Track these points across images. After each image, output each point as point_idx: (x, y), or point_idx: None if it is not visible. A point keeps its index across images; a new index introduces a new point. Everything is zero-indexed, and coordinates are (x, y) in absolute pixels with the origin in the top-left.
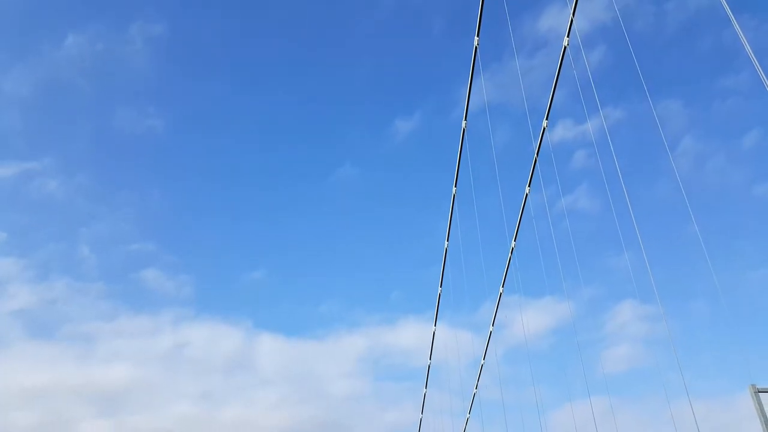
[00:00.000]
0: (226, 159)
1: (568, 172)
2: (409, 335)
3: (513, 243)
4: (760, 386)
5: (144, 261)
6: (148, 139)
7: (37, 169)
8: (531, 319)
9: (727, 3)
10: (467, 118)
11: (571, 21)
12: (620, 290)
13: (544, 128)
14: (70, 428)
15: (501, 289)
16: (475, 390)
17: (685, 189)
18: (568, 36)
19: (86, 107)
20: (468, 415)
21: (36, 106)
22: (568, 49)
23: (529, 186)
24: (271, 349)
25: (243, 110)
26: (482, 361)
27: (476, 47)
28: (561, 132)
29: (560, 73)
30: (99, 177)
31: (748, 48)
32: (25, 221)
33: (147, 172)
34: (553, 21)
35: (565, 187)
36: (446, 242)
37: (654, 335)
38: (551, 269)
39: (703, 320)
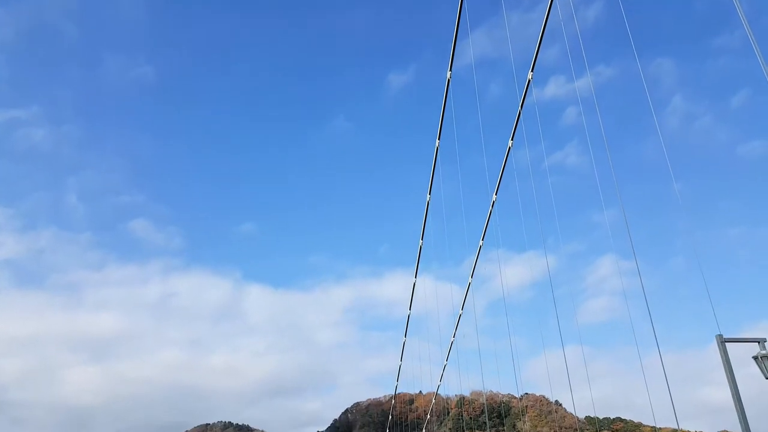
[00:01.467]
0: (218, 109)
1: (558, 129)
2: (395, 287)
3: (494, 197)
4: (726, 336)
5: (133, 212)
6: (137, 88)
7: (23, 117)
8: (514, 272)
9: None
10: (452, 69)
11: None
12: (602, 245)
13: (529, 81)
14: (58, 375)
15: (480, 242)
16: (452, 339)
17: (672, 148)
18: None
19: (74, 54)
20: (445, 362)
21: (21, 51)
22: (557, 4)
23: (512, 140)
24: (259, 299)
25: (237, 59)
26: (460, 312)
27: None
28: (553, 89)
29: (550, 27)
30: (87, 126)
31: (738, 6)
32: (10, 170)
33: (136, 122)
34: None
35: (556, 144)
36: (428, 195)
37: (631, 289)
38: (535, 225)
39: (681, 275)
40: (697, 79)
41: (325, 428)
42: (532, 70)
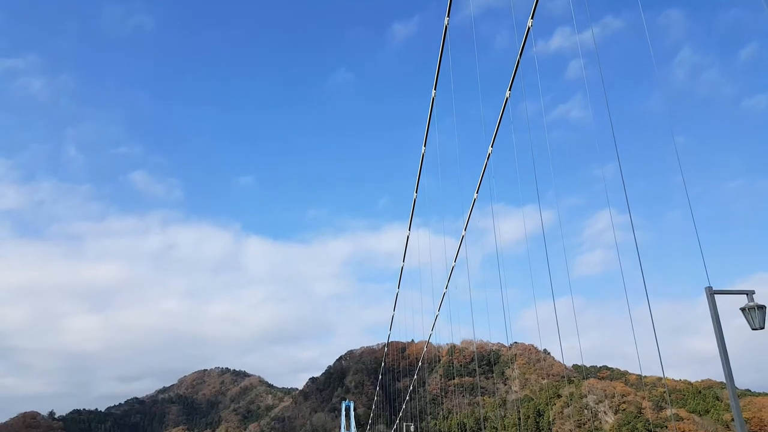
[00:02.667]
0: (218, 60)
1: (562, 82)
2: (393, 240)
3: (490, 149)
4: (715, 288)
5: (132, 163)
6: (136, 38)
7: (20, 67)
8: (512, 226)
9: None
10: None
11: None
12: (602, 200)
13: (528, 28)
14: (60, 323)
15: (475, 195)
16: (444, 290)
17: (678, 101)
18: None
19: (71, 3)
20: (437, 312)
21: (17, 0)
22: None
23: (509, 90)
24: (259, 251)
25: (238, 9)
26: (453, 263)
27: None
28: (558, 41)
29: None
30: (85, 76)
31: None
32: (8, 121)
33: (135, 72)
34: None
35: (560, 97)
36: (423, 148)
37: (627, 242)
38: (534, 179)
39: (677, 230)
40: (706, 30)
41: (319, 374)
42: (532, 17)
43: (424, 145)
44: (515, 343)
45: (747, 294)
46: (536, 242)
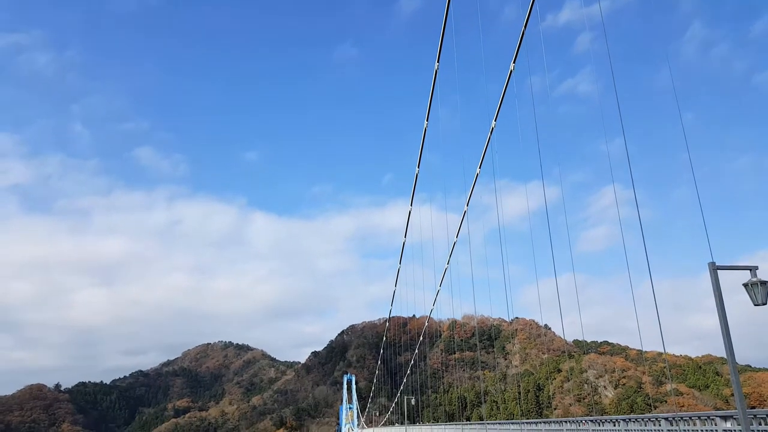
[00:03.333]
0: (224, 35)
1: (571, 56)
2: (397, 216)
3: (493, 123)
4: (719, 264)
5: (139, 139)
6: (142, 12)
7: (26, 42)
8: (516, 202)
9: None
10: None
11: None
12: (608, 175)
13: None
14: (66, 298)
15: (478, 170)
16: (446, 266)
17: (687, 76)
18: None
19: None
20: (438, 288)
21: None
22: None
23: (513, 62)
24: (264, 226)
25: None
26: (455, 239)
27: None
28: (567, 14)
29: None
30: (91, 51)
31: None
32: (14, 96)
33: (141, 47)
34: None
35: (568, 71)
36: (425, 122)
37: (632, 218)
38: (540, 154)
39: (684, 206)
40: (718, 4)
41: (321, 348)
42: None
43: (427, 120)
44: (516, 318)
45: (750, 270)
46: (540, 218)
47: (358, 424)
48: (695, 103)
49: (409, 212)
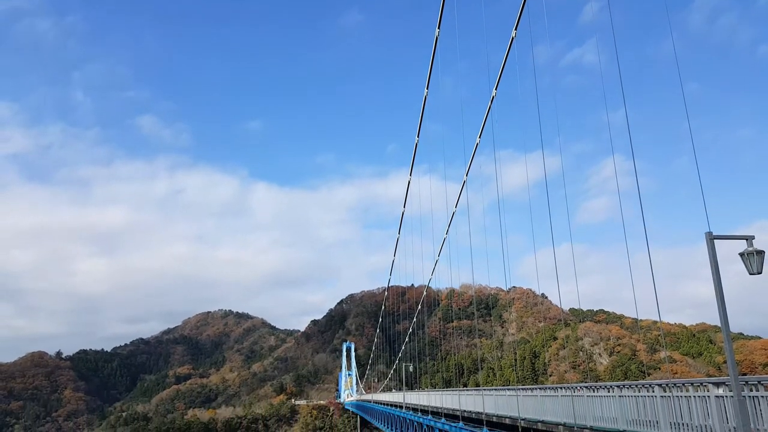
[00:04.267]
0: (227, 4)
1: (578, 25)
2: (400, 187)
3: (494, 91)
4: (716, 234)
5: (140, 107)
6: None
7: (26, 7)
8: (519, 172)
9: None
10: None
11: None
12: (610, 147)
13: None
14: (68, 266)
15: (478, 140)
16: (445, 235)
17: (693, 46)
18: None
19: None
20: (437, 257)
21: None
22: None
23: (515, 30)
24: (266, 196)
25: None
26: (454, 209)
27: None
28: None
29: None
30: (91, 18)
31: None
32: (14, 63)
33: (142, 14)
34: None
35: (575, 41)
36: (425, 90)
37: (632, 189)
38: (545, 124)
39: (685, 176)
40: None
41: (321, 317)
42: None
43: (427, 88)
44: (514, 287)
45: (747, 239)
46: (541, 189)
47: (357, 390)
48: (700, 73)
49: (408, 182)
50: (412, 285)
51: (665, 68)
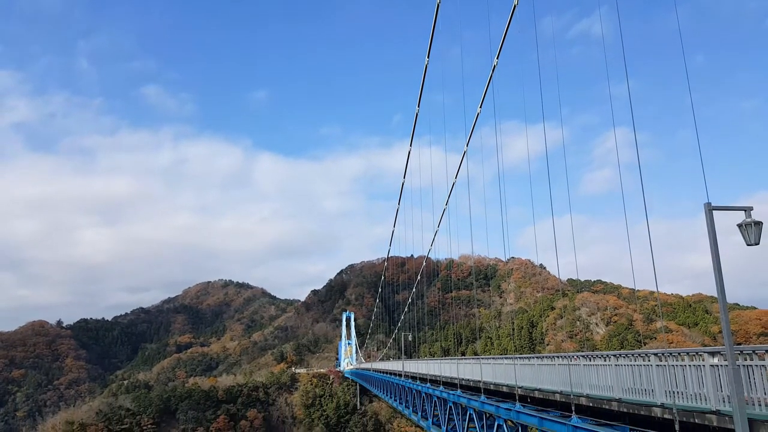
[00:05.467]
0: None
1: None
2: (404, 158)
3: (495, 61)
4: (715, 205)
5: (145, 77)
6: None
7: None
8: (524, 144)
9: None
10: None
11: None
12: (615, 117)
13: None
14: (71, 236)
15: (478, 110)
16: (444, 206)
17: (701, 17)
18: None
19: None
20: (437, 228)
21: None
22: None
23: None
24: (269, 167)
25: None
26: (454, 180)
27: None
28: None
29: None
30: None
31: None
32: (19, 32)
33: None
34: None
35: (583, 11)
36: (426, 59)
37: (636, 160)
38: (550, 96)
39: (687, 148)
40: None
41: (321, 287)
42: None
43: (428, 57)
44: (512, 258)
45: (745, 210)
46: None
47: (357, 359)
48: (708, 45)
49: (408, 153)
50: (412, 256)
51: (672, 40)
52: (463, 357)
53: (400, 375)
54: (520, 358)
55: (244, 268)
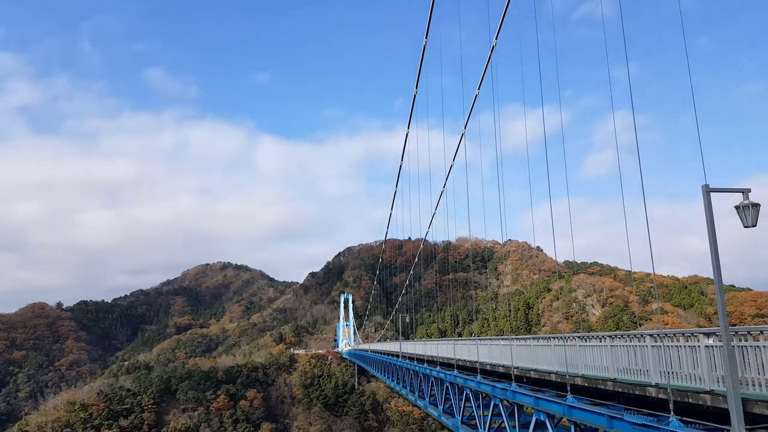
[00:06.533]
0: None
1: None
2: (409, 142)
3: (494, 41)
4: (712, 186)
5: (149, 59)
6: None
7: None
8: (524, 127)
9: None
10: None
11: None
12: (617, 100)
13: None
14: (72, 219)
15: (477, 91)
16: (442, 189)
17: None
18: None
19: None
20: (434, 211)
21: None
22: None
23: None
24: (271, 150)
25: None
26: (452, 162)
27: None
28: None
29: None
30: None
31: None
32: (21, 14)
33: None
34: None
35: None
36: (425, 40)
37: (640, 143)
38: (553, 78)
39: (690, 130)
40: None
41: (319, 269)
42: None
43: (426, 37)
44: (509, 240)
45: (743, 192)
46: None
47: (355, 340)
48: (714, 26)
49: (406, 135)
50: (410, 238)
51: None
52: (459, 338)
53: (397, 356)
54: (516, 339)
55: (245, 250)
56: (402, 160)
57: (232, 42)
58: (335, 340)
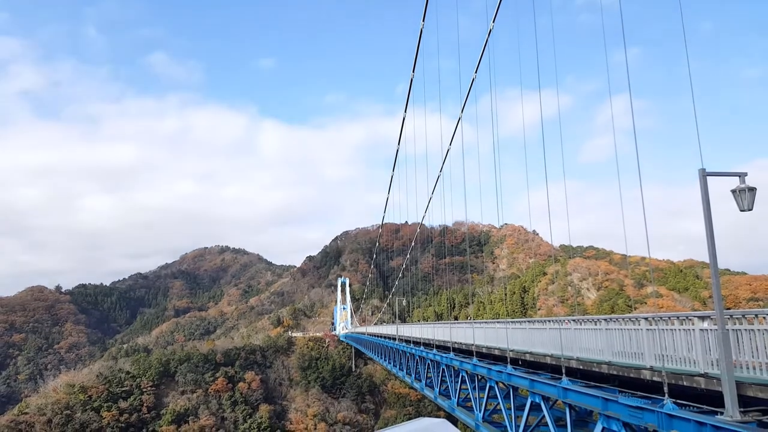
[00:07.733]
0: None
1: None
2: (408, 126)
3: (491, 24)
4: (709, 170)
5: (153, 44)
6: None
7: None
8: (528, 110)
9: None
10: None
11: None
12: (619, 85)
13: None
14: (75, 203)
15: (474, 75)
16: (439, 173)
17: None
18: None
19: None
20: (431, 195)
21: None
22: None
23: None
24: (273, 135)
25: None
26: (448, 146)
27: None
28: None
29: None
30: None
31: None
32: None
33: None
34: None
35: None
36: (422, 22)
37: (639, 127)
38: (551, 63)
39: (690, 116)
40: None
41: (316, 253)
42: None
43: (423, 20)
44: (505, 224)
45: (739, 176)
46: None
47: (352, 323)
48: (716, 12)
49: (403, 119)
50: (406, 222)
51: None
52: (456, 321)
53: (394, 339)
54: (512, 322)
55: (243, 234)
56: (399, 144)
57: (236, 28)
58: (332, 323)
